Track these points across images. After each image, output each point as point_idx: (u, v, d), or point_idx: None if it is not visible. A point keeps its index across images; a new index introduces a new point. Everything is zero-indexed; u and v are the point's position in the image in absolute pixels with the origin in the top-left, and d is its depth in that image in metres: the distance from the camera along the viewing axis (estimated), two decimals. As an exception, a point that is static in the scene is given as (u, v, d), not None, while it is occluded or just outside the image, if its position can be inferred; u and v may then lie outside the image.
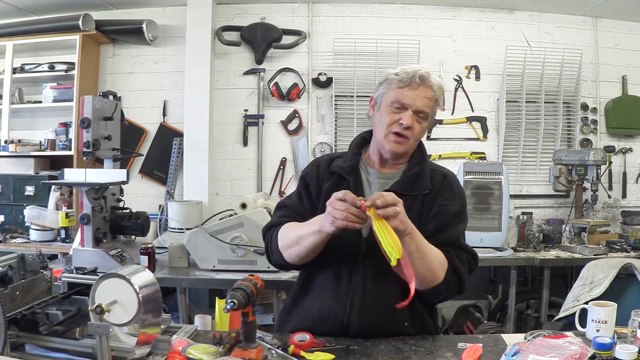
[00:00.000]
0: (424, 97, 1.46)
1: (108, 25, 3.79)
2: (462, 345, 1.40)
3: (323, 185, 1.56)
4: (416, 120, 1.47)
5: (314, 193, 1.57)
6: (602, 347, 1.27)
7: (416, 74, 1.45)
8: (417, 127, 1.48)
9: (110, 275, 1.19)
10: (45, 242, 3.43)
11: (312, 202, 1.57)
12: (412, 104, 1.46)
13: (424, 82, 1.46)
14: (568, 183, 3.49)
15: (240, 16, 3.89)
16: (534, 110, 3.87)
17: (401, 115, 1.46)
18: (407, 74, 1.47)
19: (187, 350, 1.28)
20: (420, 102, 1.46)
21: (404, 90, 1.46)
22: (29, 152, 3.76)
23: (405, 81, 1.46)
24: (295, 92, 3.81)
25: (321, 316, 1.48)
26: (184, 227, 2.95)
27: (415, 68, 1.48)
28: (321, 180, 1.58)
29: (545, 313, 3.12)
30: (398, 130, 1.47)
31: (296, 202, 1.60)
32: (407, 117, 1.45)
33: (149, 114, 3.94)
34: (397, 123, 1.46)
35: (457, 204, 1.54)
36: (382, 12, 3.92)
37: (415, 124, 1.47)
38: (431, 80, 1.47)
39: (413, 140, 1.50)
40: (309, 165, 1.67)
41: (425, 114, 1.48)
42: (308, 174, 1.61)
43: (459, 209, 1.54)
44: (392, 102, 1.48)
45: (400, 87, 1.47)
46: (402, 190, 1.48)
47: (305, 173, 1.63)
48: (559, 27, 3.94)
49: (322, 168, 1.60)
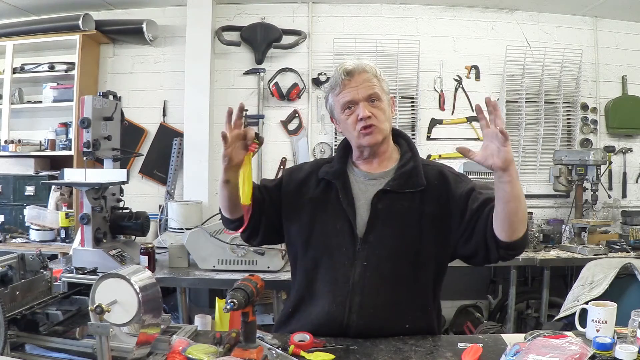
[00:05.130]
0: (362, 86, 1.47)
1: (108, 25, 3.79)
2: (462, 345, 1.40)
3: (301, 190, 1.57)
4: (372, 106, 1.47)
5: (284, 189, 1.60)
6: (602, 347, 1.27)
7: (341, 74, 1.47)
8: (375, 111, 1.47)
9: (110, 275, 1.19)
10: (45, 242, 3.43)
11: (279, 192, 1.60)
12: (357, 97, 1.47)
13: (351, 73, 1.47)
14: (568, 183, 3.49)
15: (240, 16, 3.89)
16: (534, 110, 3.87)
17: (356, 112, 1.47)
18: (334, 79, 1.50)
19: (187, 350, 1.28)
20: (362, 92, 1.47)
21: (343, 93, 1.48)
22: (29, 152, 3.76)
23: (338, 86, 1.49)
24: (295, 92, 3.81)
25: (320, 320, 1.48)
26: (184, 227, 2.95)
27: (337, 68, 1.50)
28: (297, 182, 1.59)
29: (545, 313, 3.12)
30: (362, 124, 1.47)
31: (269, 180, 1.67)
32: (362, 109, 1.46)
33: (149, 114, 3.94)
34: (358, 120, 1.47)
35: (469, 182, 1.51)
36: (382, 12, 3.92)
37: (373, 109, 1.47)
38: (355, 67, 1.47)
39: (383, 123, 1.49)
40: (294, 167, 1.72)
41: (374, 95, 1.48)
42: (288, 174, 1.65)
43: (472, 186, 1.49)
44: (342, 108, 1.50)
45: (338, 92, 1.49)
46: (399, 188, 1.48)
47: (287, 173, 1.67)
48: (559, 27, 3.93)
49: (305, 172, 1.61)
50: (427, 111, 3.90)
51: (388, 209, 1.48)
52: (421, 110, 3.86)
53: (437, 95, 3.91)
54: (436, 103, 3.91)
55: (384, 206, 1.48)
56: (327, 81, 1.63)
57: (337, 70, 1.49)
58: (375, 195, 1.49)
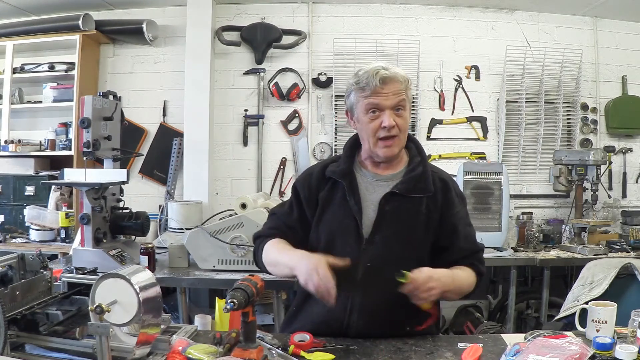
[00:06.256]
0: (393, 94, 1.45)
1: (108, 25, 3.79)
2: (462, 345, 1.40)
3: (318, 194, 1.56)
4: (396, 115, 1.46)
5: (304, 202, 1.58)
6: (602, 347, 1.27)
7: (374, 79, 1.44)
8: (399, 121, 1.47)
9: (110, 275, 1.19)
10: (45, 242, 3.43)
11: (303, 211, 1.58)
12: (386, 104, 1.45)
13: (385, 81, 1.44)
14: (568, 183, 3.49)
15: (240, 16, 3.89)
16: (534, 110, 3.87)
17: (381, 118, 1.45)
18: (365, 80, 1.45)
19: (187, 350, 1.28)
20: (392, 100, 1.45)
21: (372, 97, 1.45)
22: (29, 152, 3.76)
23: (369, 89, 1.45)
24: (295, 92, 3.81)
25: (321, 319, 1.48)
26: (184, 227, 2.95)
27: (371, 71, 1.45)
28: (314, 189, 1.57)
29: (545, 313, 3.11)
30: (384, 134, 1.46)
31: (286, 212, 1.62)
32: (387, 117, 1.45)
33: (149, 114, 3.93)
34: (380, 128, 1.46)
35: (463, 207, 1.57)
36: (382, 12, 3.92)
37: (397, 119, 1.46)
38: (391, 76, 1.45)
39: (402, 135, 1.50)
40: (301, 174, 1.68)
41: (401, 105, 1.47)
42: (299, 183, 1.62)
43: (465, 212, 1.57)
44: (366, 109, 1.47)
45: (367, 95, 1.46)
46: (407, 192, 1.48)
47: (297, 182, 1.64)
48: (559, 27, 3.93)
49: (315, 177, 1.59)
50: (427, 111, 3.90)
51: (395, 211, 1.48)
52: (421, 110, 3.86)
53: (437, 95, 3.91)
54: (436, 103, 3.91)
55: (391, 208, 1.48)
56: (327, 82, 1.62)
57: (369, 72, 1.45)
58: (383, 197, 1.49)
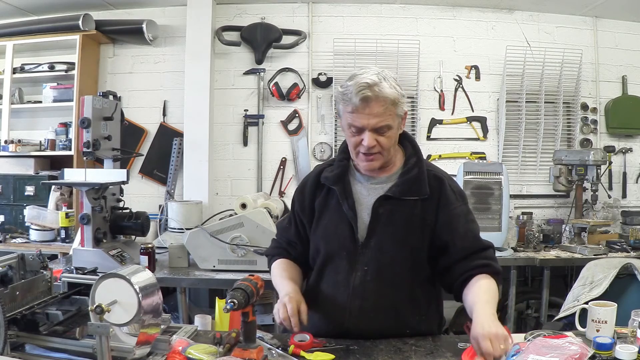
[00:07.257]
0: (375, 116, 1.37)
1: (108, 25, 3.79)
2: (462, 345, 1.40)
3: (314, 202, 1.56)
4: (378, 135, 1.40)
5: (301, 214, 1.60)
6: (602, 347, 1.27)
7: (357, 97, 1.36)
8: (382, 140, 1.41)
9: (110, 275, 1.19)
10: (45, 242, 3.42)
11: (300, 224, 1.61)
12: (367, 125, 1.39)
13: (367, 101, 1.36)
14: (568, 183, 3.49)
15: (240, 16, 3.89)
16: (534, 110, 3.87)
17: (361, 137, 1.41)
18: (348, 94, 1.38)
19: (187, 350, 1.28)
20: (373, 121, 1.38)
21: (354, 116, 1.39)
22: (29, 152, 3.76)
23: (352, 106, 1.38)
24: (295, 92, 3.81)
25: (321, 322, 1.49)
26: (184, 227, 2.95)
27: (356, 87, 1.37)
28: (309, 198, 1.57)
29: (545, 313, 3.11)
30: (364, 151, 1.43)
31: (285, 227, 1.67)
32: (367, 138, 1.39)
33: (149, 114, 3.93)
34: (360, 144, 1.42)
35: (461, 204, 1.51)
36: (382, 12, 3.92)
37: (380, 137, 1.40)
38: (374, 97, 1.36)
39: (386, 150, 1.45)
40: (299, 184, 1.68)
41: (384, 127, 1.40)
42: (296, 194, 1.65)
43: (465, 210, 1.51)
44: (348, 125, 1.43)
45: (349, 111, 1.40)
46: (401, 195, 1.46)
47: (295, 193, 1.66)
48: (559, 27, 3.93)
49: (309, 185, 1.59)
50: (427, 111, 3.90)
51: (389, 214, 1.46)
52: (421, 110, 3.86)
53: (437, 95, 3.91)
54: (436, 103, 3.91)
55: (385, 211, 1.46)
56: (327, 82, 1.62)
57: (354, 88, 1.37)
58: (376, 200, 1.47)
